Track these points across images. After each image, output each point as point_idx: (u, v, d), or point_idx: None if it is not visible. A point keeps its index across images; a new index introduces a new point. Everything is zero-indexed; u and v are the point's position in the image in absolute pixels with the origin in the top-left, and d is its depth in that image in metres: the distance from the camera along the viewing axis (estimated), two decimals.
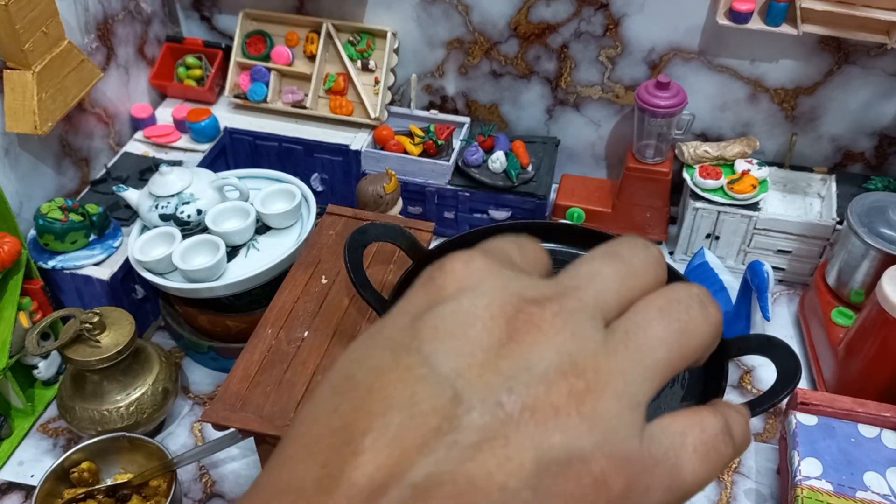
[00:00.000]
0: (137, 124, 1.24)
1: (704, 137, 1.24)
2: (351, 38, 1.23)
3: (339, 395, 0.21)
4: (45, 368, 1.02)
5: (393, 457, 0.19)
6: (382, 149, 1.21)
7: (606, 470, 0.19)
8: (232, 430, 0.72)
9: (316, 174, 1.26)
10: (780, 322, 1.14)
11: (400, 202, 1.09)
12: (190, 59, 1.29)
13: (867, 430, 0.87)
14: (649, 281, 0.23)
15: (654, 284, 0.23)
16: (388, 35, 1.21)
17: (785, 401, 0.92)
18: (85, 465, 0.89)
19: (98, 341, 0.90)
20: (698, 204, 1.15)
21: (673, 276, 0.56)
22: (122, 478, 0.91)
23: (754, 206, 1.14)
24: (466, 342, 0.21)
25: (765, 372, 1.07)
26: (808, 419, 0.88)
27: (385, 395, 0.20)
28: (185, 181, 1.01)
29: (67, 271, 1.02)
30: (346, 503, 0.19)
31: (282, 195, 1.05)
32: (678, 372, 0.22)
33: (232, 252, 1.01)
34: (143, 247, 0.99)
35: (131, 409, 0.93)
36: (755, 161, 1.16)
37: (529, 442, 0.19)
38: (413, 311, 0.22)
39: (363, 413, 0.20)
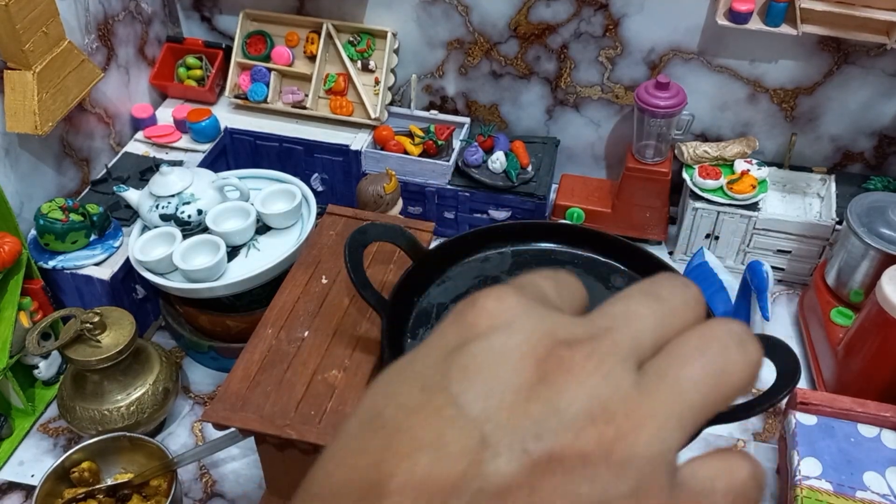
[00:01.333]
0: (138, 124, 1.24)
1: (704, 137, 1.24)
2: (351, 39, 1.24)
3: (367, 432, 0.21)
4: (45, 368, 1.03)
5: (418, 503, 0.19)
6: (383, 149, 1.21)
7: None
8: (232, 429, 0.72)
9: (316, 174, 1.26)
10: (779, 322, 1.14)
11: (400, 202, 1.09)
12: (190, 60, 1.29)
13: (867, 430, 0.87)
14: (687, 321, 0.23)
15: (693, 324, 0.23)
16: (389, 35, 1.21)
17: (784, 400, 0.92)
18: (85, 464, 0.89)
19: (98, 341, 0.90)
20: (698, 204, 1.15)
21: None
22: (123, 477, 0.91)
23: (754, 207, 1.14)
24: (496, 383, 0.20)
25: (764, 372, 1.07)
26: (807, 419, 0.88)
27: (413, 436, 0.20)
28: (186, 181, 1.01)
29: (68, 271, 1.02)
30: None
31: (282, 195, 1.05)
32: (713, 415, 0.21)
33: (232, 252, 1.01)
34: (143, 247, 0.99)
35: (132, 408, 0.93)
36: (755, 161, 1.16)
37: (556, 492, 0.19)
38: (444, 347, 0.22)
39: (391, 453, 0.20)
